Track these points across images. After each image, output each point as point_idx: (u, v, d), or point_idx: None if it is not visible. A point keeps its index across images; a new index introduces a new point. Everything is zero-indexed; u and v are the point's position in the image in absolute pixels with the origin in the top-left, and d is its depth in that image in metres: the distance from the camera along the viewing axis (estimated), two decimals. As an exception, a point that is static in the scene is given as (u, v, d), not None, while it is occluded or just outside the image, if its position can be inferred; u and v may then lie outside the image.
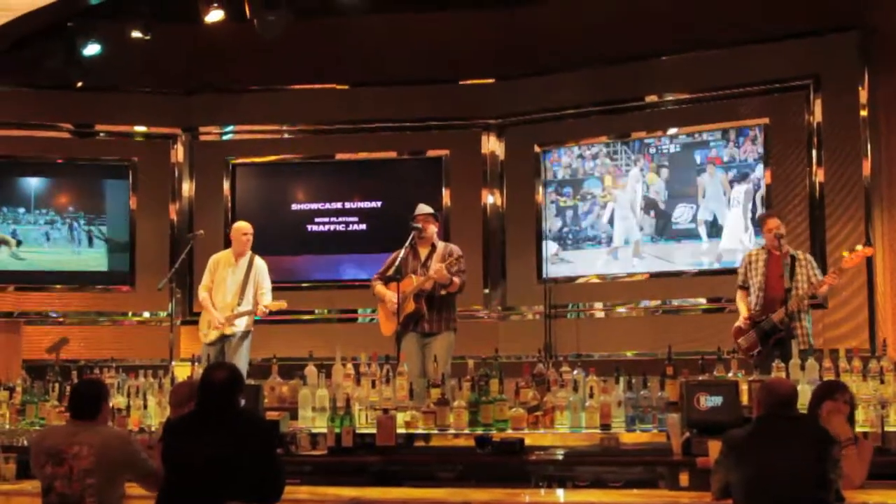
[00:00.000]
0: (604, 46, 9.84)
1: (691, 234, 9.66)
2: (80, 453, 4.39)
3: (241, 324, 8.08)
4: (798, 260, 7.24)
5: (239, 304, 8.08)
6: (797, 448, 4.23)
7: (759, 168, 9.33)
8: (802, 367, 5.96)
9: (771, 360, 6.19)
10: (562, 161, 10.31)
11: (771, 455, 4.22)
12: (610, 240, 10.04)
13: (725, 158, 9.52)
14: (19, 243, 10.68)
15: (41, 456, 4.50)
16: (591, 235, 10.12)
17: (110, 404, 5.03)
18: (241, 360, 7.92)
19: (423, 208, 7.76)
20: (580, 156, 10.21)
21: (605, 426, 5.77)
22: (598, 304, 10.04)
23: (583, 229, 10.18)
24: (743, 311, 7.38)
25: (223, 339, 8.05)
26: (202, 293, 8.26)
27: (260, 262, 8.25)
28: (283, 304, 8.10)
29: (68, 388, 5.75)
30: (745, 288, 7.44)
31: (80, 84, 10.33)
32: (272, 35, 9.15)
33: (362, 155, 10.86)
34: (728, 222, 9.48)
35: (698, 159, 9.67)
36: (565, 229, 10.24)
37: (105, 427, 4.63)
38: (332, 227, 10.78)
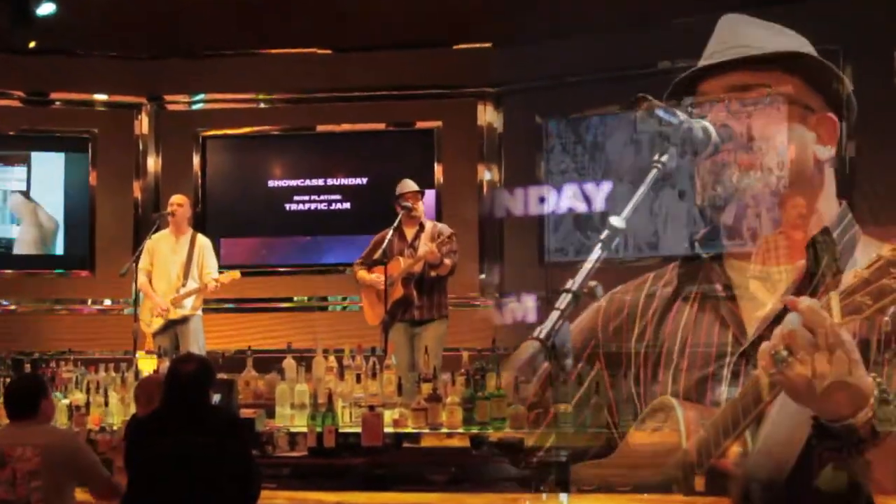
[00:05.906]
0: (612, 8, 9.78)
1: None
2: (24, 455, 4.40)
3: (188, 304, 8.06)
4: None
5: (184, 286, 8.07)
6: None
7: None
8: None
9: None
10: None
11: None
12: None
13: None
14: None
15: None
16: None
17: (51, 400, 4.99)
18: (196, 348, 7.88)
19: (410, 185, 7.75)
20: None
21: (613, 424, 5.76)
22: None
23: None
24: None
25: (169, 326, 8.04)
26: (141, 277, 8.23)
27: (204, 240, 8.30)
28: (235, 275, 8.13)
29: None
30: None
31: (32, 45, 10.25)
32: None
33: (346, 127, 10.79)
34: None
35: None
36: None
37: (50, 426, 4.68)
38: (313, 206, 10.73)
